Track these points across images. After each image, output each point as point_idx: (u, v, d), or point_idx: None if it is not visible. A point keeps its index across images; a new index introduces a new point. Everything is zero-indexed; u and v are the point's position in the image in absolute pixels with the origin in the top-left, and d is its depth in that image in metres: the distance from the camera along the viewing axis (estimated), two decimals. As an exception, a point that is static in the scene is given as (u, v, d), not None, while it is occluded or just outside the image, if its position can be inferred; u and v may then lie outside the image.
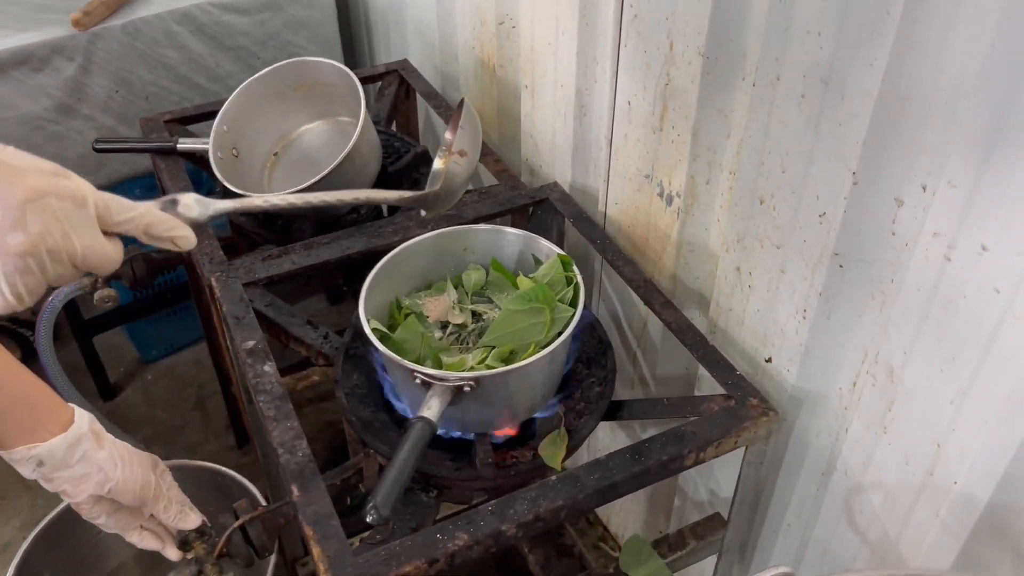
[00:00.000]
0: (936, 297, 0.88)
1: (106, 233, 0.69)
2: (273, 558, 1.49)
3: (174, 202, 0.75)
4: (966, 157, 0.80)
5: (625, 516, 1.74)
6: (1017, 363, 0.82)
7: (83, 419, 0.96)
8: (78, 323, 2.16)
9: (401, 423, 1.16)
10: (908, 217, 0.89)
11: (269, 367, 1.14)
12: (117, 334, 2.51)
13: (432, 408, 1.00)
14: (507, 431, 1.13)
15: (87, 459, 0.95)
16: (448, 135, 1.02)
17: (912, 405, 0.95)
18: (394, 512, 1.02)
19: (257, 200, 0.84)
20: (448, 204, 1.05)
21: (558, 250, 1.17)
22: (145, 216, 0.70)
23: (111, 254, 0.67)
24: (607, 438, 1.69)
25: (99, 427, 0.98)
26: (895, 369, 0.96)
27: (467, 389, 1.01)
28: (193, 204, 0.76)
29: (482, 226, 1.24)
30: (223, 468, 1.71)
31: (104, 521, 1.01)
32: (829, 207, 0.96)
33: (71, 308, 2.11)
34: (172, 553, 1.10)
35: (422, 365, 1.07)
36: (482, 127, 1.77)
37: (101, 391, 2.37)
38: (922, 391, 0.93)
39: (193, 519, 1.11)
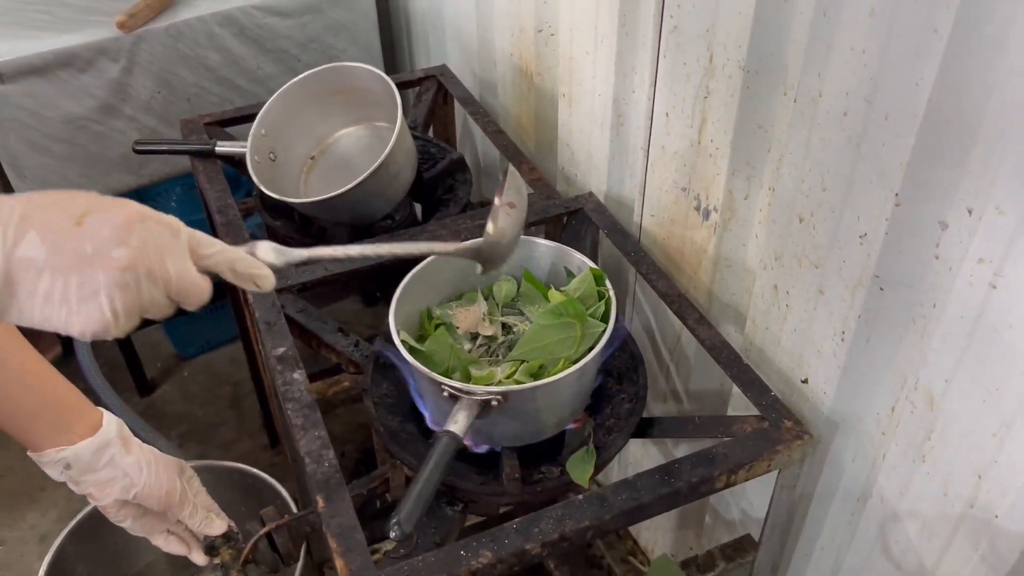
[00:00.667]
0: (980, 325, 0.85)
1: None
2: (300, 563, 1.49)
3: (252, 250, 0.76)
4: (1015, 183, 0.77)
5: (655, 531, 1.72)
6: (1064, 397, 0.78)
7: (111, 424, 0.98)
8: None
9: (429, 434, 1.15)
10: (953, 241, 0.86)
11: (299, 374, 1.14)
12: (155, 331, 2.55)
13: (459, 422, 0.99)
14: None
15: (114, 464, 0.96)
16: (497, 199, 1.01)
17: (952, 435, 0.92)
18: (418, 526, 1.02)
19: (328, 251, 0.86)
20: (503, 258, 1.02)
21: (591, 263, 1.15)
22: (229, 252, 0.71)
23: (202, 285, 0.69)
24: (638, 451, 1.67)
25: (127, 432, 1.00)
26: (935, 397, 0.93)
27: (494, 404, 1.00)
28: (270, 251, 0.77)
29: (525, 237, 1.23)
30: (254, 470, 1.72)
31: (130, 525, 1.02)
32: (870, 228, 0.94)
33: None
34: (198, 558, 1.11)
35: (451, 377, 1.07)
36: (519, 134, 1.77)
37: (138, 387, 2.41)
38: (963, 421, 0.90)
39: (219, 525, 1.12)
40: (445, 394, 1.02)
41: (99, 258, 0.61)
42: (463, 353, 1.12)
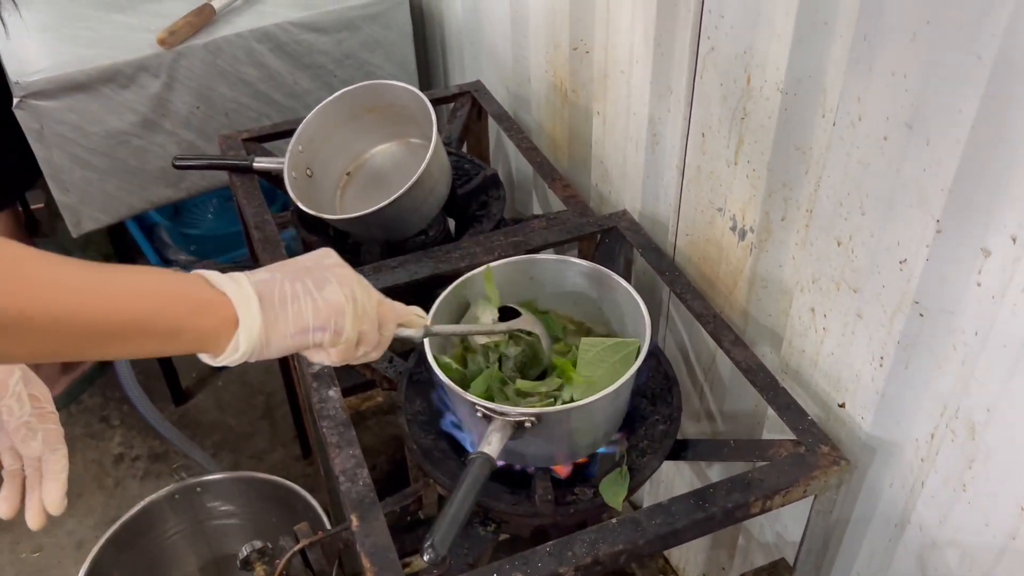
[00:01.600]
0: (1024, 355, 0.83)
1: None
2: (332, 577, 1.50)
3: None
4: (1061, 212, 0.76)
5: (687, 549, 1.70)
6: (1111, 430, 0.77)
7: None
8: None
9: (462, 452, 1.15)
10: (996, 269, 0.85)
11: (334, 392, 1.15)
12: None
13: (492, 443, 0.99)
14: (567, 467, 1.12)
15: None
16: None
17: (994, 465, 0.91)
18: (452, 548, 1.02)
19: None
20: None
21: (625, 283, 1.15)
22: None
23: (388, 339, 0.91)
24: (671, 472, 1.66)
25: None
26: (977, 426, 0.92)
27: (528, 425, 1.01)
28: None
29: (550, 256, 1.23)
30: (288, 482, 1.74)
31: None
32: (910, 254, 0.92)
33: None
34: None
35: (489, 396, 1.07)
36: (552, 150, 1.77)
37: (174, 396, 2.44)
38: (1006, 452, 0.89)
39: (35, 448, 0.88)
40: (479, 414, 1.02)
41: (317, 266, 0.82)
42: (501, 375, 1.13)
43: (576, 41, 1.53)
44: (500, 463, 1.10)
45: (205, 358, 0.78)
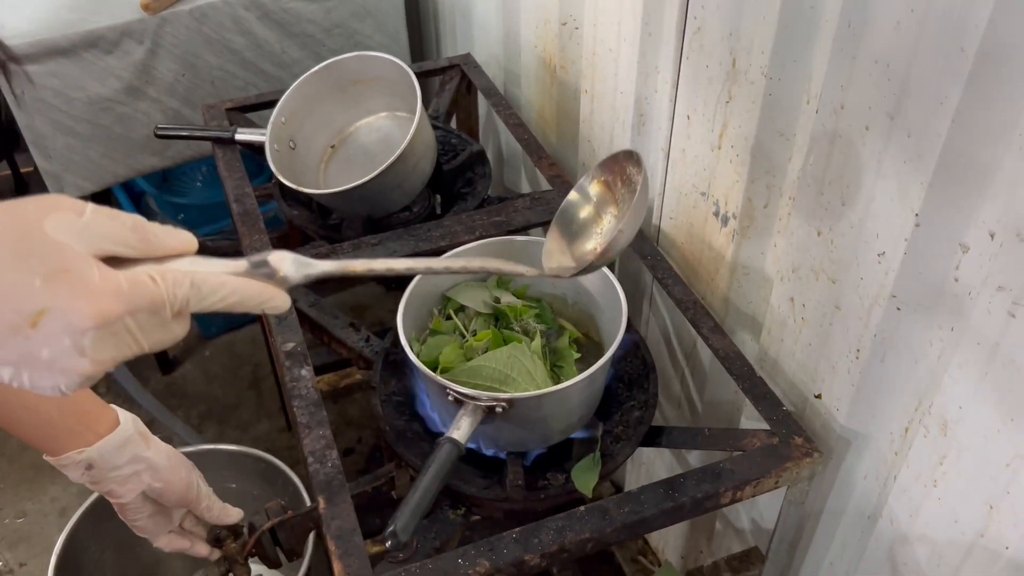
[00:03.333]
0: (998, 354, 0.82)
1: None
2: (308, 554, 1.50)
3: (265, 263, 0.65)
4: (1039, 210, 0.74)
5: (666, 532, 1.70)
6: (1082, 433, 0.76)
7: (128, 420, 0.98)
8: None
9: (435, 433, 1.14)
10: (973, 265, 0.83)
11: (306, 371, 1.14)
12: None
13: (461, 428, 0.98)
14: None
15: (137, 458, 0.96)
16: (613, 211, 0.94)
17: (965, 462, 0.90)
18: (417, 531, 1.01)
19: (357, 266, 0.74)
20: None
21: (608, 272, 1.13)
22: (233, 295, 0.61)
23: (178, 336, 0.60)
24: (652, 455, 1.66)
25: (144, 428, 1.00)
26: (949, 423, 0.91)
27: (499, 410, 0.99)
28: (289, 264, 0.66)
29: (530, 238, 1.21)
30: (270, 457, 1.73)
31: (143, 523, 1.02)
32: (889, 247, 0.91)
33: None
34: (202, 550, 1.12)
35: (455, 372, 1.06)
36: (541, 127, 1.75)
37: (160, 365, 2.43)
38: (977, 449, 0.88)
39: (234, 515, 1.12)
40: (450, 398, 1.01)
41: (56, 366, 0.53)
42: (469, 351, 1.12)
43: (565, 16, 1.50)
44: (471, 446, 1.09)
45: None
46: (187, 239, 0.61)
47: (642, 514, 0.97)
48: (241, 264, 0.64)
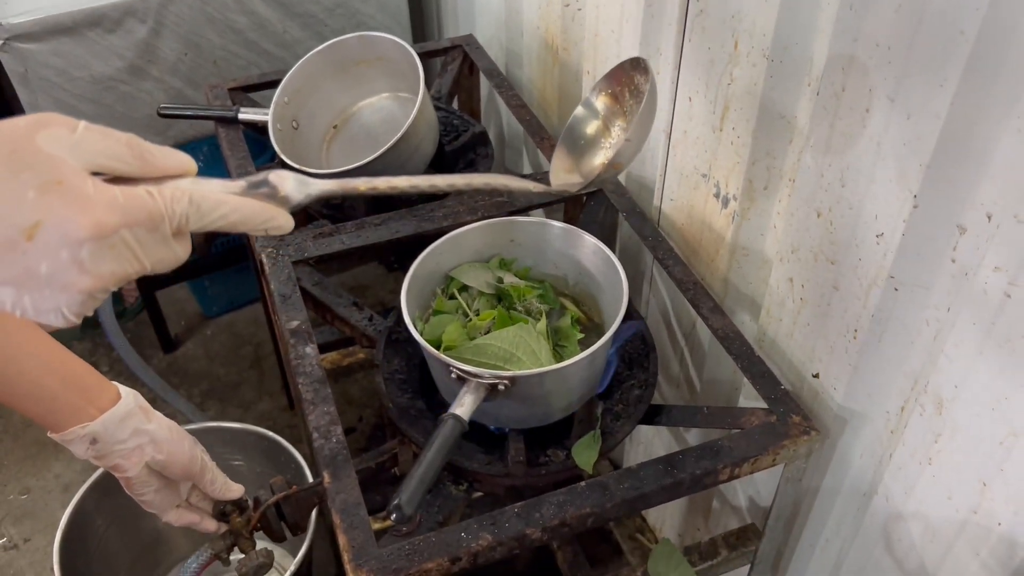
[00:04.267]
0: (992, 334, 0.83)
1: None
2: (311, 528, 1.52)
3: (265, 182, 0.64)
4: (1035, 192, 0.75)
5: (664, 510, 1.73)
6: (1074, 412, 0.77)
7: (129, 394, 0.99)
8: (142, 278, 2.22)
9: (439, 411, 1.16)
10: (970, 246, 0.84)
11: (311, 349, 1.15)
12: (180, 288, 2.58)
13: (464, 405, 1.00)
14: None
15: (139, 431, 0.97)
16: (621, 122, 0.92)
17: (959, 440, 0.91)
18: (421, 505, 1.03)
19: (360, 184, 0.71)
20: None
21: (603, 247, 1.15)
22: (234, 213, 0.59)
23: (180, 258, 0.58)
24: (650, 433, 1.68)
25: (144, 402, 1.01)
26: (944, 401, 0.92)
27: (501, 388, 1.01)
28: (291, 183, 0.64)
29: (528, 219, 1.22)
30: (272, 434, 1.75)
31: (150, 497, 1.03)
32: (887, 228, 0.92)
33: (136, 263, 2.17)
34: (210, 525, 1.13)
35: (459, 352, 1.07)
36: (543, 107, 1.75)
37: (163, 344, 2.44)
38: (971, 428, 0.89)
39: (236, 489, 1.13)
40: (453, 375, 1.03)
41: (56, 282, 0.52)
42: (472, 330, 1.13)
43: (568, -2, 1.51)
44: (476, 422, 1.11)
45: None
46: (185, 160, 0.59)
47: (642, 490, 0.99)
48: (239, 184, 0.62)
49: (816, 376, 1.12)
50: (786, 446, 1.03)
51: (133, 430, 0.97)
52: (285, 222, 0.63)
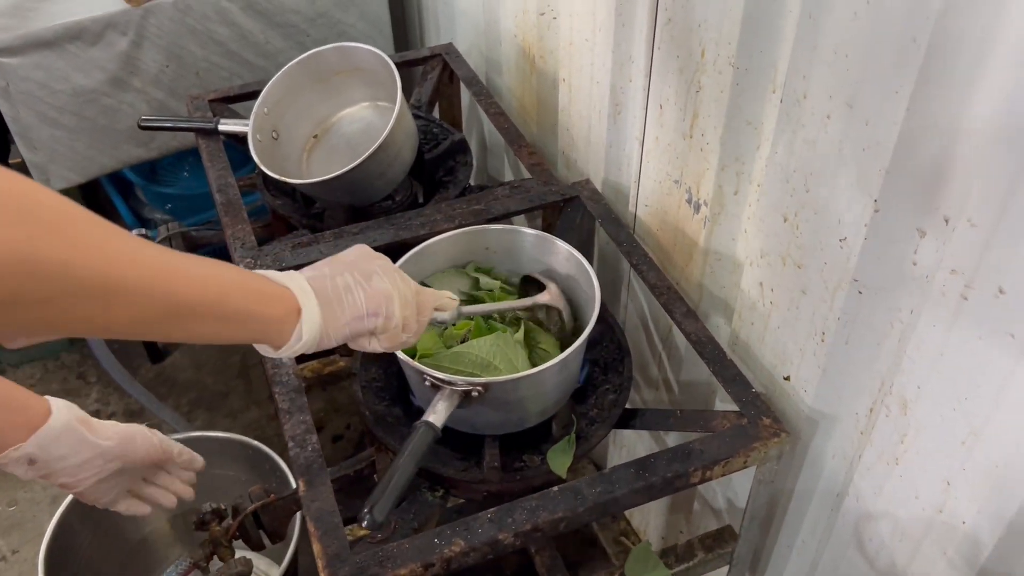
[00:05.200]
0: (952, 335, 0.85)
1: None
2: (296, 536, 1.53)
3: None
4: (987, 197, 0.76)
5: (647, 513, 1.74)
6: (1030, 411, 0.79)
7: (61, 406, 0.94)
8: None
9: (413, 418, 1.17)
10: (930, 249, 0.86)
11: (287, 359, 1.16)
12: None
13: (438, 412, 1.01)
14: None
15: (81, 444, 0.93)
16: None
17: (924, 440, 0.93)
18: (397, 512, 1.04)
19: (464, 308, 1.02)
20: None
21: (576, 253, 1.16)
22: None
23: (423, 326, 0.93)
24: (633, 436, 1.69)
25: (83, 414, 0.96)
26: (909, 402, 0.93)
27: (475, 394, 1.02)
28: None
29: (501, 226, 1.24)
30: (256, 442, 1.76)
31: (111, 499, 1.02)
32: (850, 232, 0.93)
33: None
34: (169, 500, 1.12)
35: (437, 360, 1.09)
36: (522, 115, 1.77)
37: (150, 354, 2.45)
38: (934, 428, 0.91)
39: (199, 459, 1.15)
40: (427, 383, 1.04)
41: (360, 259, 0.86)
42: (448, 339, 1.14)
43: (544, 7, 1.52)
44: (454, 428, 1.12)
45: (264, 350, 0.82)
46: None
47: (614, 493, 1.00)
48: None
49: (787, 379, 1.13)
50: (756, 448, 1.05)
51: (74, 444, 0.93)
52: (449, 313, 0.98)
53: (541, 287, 1.19)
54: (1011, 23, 0.69)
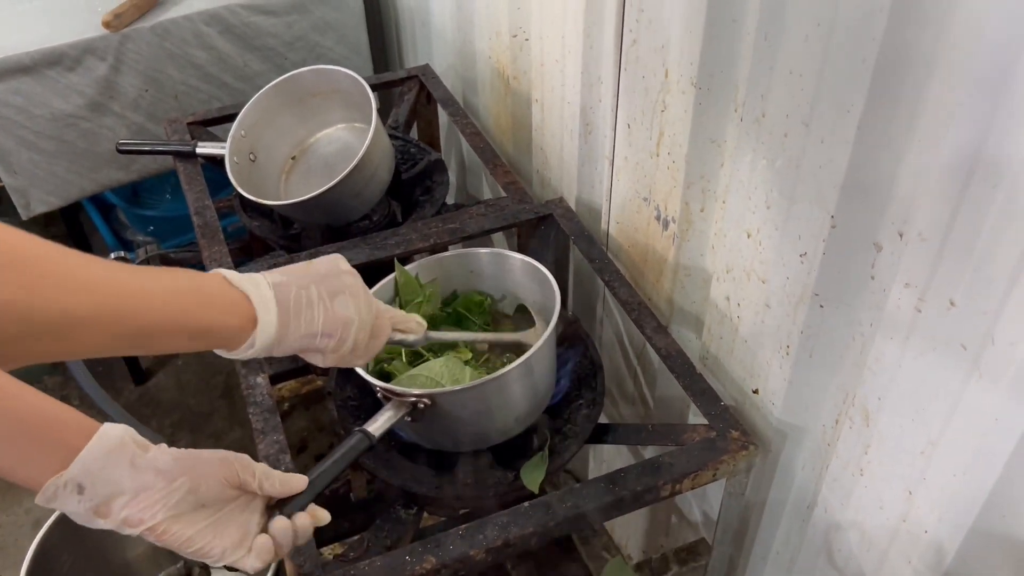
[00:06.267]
0: (908, 347, 0.87)
1: None
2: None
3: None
4: (936, 211, 0.78)
5: (627, 527, 1.75)
6: (982, 420, 0.80)
7: (114, 427, 0.75)
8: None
9: (390, 439, 1.18)
10: (886, 263, 0.88)
11: (261, 379, 1.17)
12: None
13: (378, 422, 1.01)
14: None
15: (138, 467, 0.74)
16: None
17: (885, 451, 0.95)
18: (371, 530, 1.05)
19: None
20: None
21: (533, 261, 1.18)
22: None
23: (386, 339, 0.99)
24: (611, 447, 1.70)
25: (140, 437, 0.77)
26: (871, 413, 0.95)
27: (421, 406, 1.03)
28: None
29: (454, 252, 1.26)
30: (236, 462, 1.76)
31: (207, 543, 0.78)
32: (809, 247, 0.95)
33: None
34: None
35: (398, 380, 1.10)
36: (498, 135, 1.79)
37: (133, 375, 2.45)
38: (894, 438, 0.92)
39: (299, 482, 0.88)
40: (379, 394, 1.05)
41: (330, 274, 0.89)
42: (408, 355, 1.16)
43: (515, 28, 1.55)
44: (427, 446, 1.13)
45: (220, 352, 0.83)
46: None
47: (583, 508, 1.01)
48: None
49: (756, 392, 1.15)
50: (725, 461, 1.06)
51: (129, 465, 0.73)
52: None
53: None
54: (952, 44, 0.72)
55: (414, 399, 1.02)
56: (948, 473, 0.87)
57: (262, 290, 0.82)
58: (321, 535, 1.01)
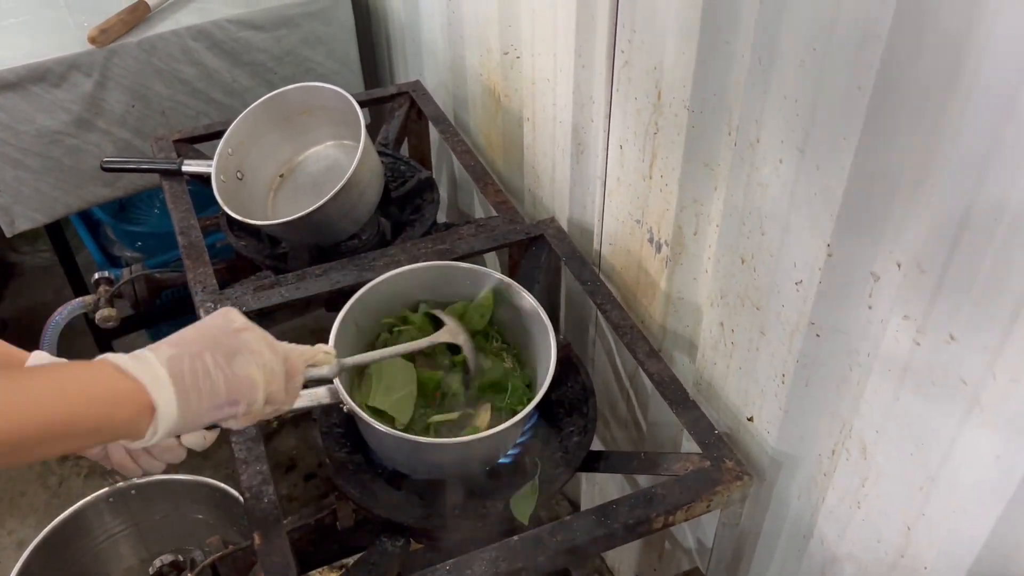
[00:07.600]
0: (906, 380, 0.84)
1: None
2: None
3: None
4: (935, 243, 0.76)
5: (621, 552, 1.72)
6: (983, 455, 0.78)
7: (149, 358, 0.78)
8: (96, 328, 2.20)
9: (376, 466, 1.15)
10: (884, 293, 0.85)
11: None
12: (139, 336, 2.55)
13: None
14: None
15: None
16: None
17: (884, 485, 0.92)
18: (357, 564, 1.03)
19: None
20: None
21: (535, 303, 1.15)
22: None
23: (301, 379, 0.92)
24: (604, 476, 1.67)
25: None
26: (868, 446, 0.93)
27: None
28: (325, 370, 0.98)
29: (465, 265, 1.23)
30: (223, 485, 1.74)
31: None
32: (805, 276, 0.93)
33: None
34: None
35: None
36: (488, 152, 1.77)
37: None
38: (892, 472, 0.90)
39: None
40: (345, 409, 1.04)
41: (223, 334, 0.81)
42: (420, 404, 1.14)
43: (507, 46, 1.53)
44: (416, 476, 1.11)
45: (124, 443, 0.78)
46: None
47: (574, 542, 0.99)
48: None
49: (751, 420, 1.13)
50: (719, 492, 1.04)
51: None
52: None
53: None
54: (951, 75, 0.70)
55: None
56: (947, 510, 0.84)
57: (154, 369, 0.75)
58: (309, 559, 0.98)
